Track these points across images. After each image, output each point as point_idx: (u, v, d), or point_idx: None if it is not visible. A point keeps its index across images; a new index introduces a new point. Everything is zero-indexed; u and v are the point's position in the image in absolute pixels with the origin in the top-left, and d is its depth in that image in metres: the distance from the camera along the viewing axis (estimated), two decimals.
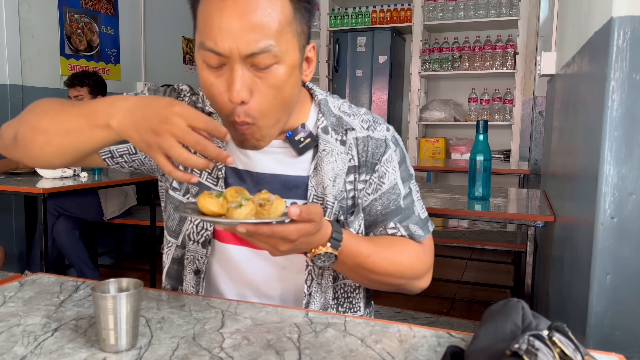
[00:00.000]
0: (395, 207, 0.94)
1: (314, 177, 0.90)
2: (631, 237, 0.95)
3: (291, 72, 0.79)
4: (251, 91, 0.77)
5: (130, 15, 4.09)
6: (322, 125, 0.92)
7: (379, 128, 0.94)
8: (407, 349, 0.69)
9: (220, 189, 0.92)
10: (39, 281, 0.96)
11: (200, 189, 0.93)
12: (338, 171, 0.91)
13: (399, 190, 0.94)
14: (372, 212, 0.94)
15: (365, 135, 0.93)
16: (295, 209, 0.68)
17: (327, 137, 0.91)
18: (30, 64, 3.29)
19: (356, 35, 4.56)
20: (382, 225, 0.94)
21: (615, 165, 0.95)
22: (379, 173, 0.93)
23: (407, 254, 0.92)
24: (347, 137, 0.92)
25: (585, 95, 1.25)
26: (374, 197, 0.93)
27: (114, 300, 0.67)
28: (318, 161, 0.90)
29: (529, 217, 1.79)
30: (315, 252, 0.79)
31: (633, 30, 0.92)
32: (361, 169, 0.93)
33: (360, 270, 0.87)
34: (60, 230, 2.95)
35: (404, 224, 0.94)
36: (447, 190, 2.34)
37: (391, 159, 0.94)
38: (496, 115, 4.44)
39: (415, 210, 0.96)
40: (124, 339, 0.68)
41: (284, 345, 0.70)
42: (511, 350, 0.53)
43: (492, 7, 4.31)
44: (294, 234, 0.71)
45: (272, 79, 0.77)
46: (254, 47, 0.74)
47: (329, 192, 0.89)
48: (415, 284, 0.95)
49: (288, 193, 0.91)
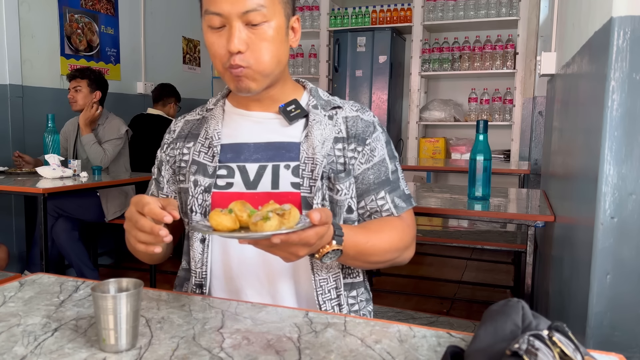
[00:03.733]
0: (385, 178, 1.06)
1: (305, 142, 1.02)
2: (631, 237, 0.95)
3: (278, 31, 0.96)
4: (247, 44, 0.93)
5: (130, 15, 4.09)
6: (313, 104, 1.07)
7: (366, 113, 1.09)
8: (407, 349, 0.69)
9: (215, 164, 1.02)
10: (39, 281, 0.96)
11: (198, 167, 1.03)
12: (326, 136, 1.02)
13: (387, 164, 1.07)
14: (365, 181, 1.05)
15: (355, 115, 1.07)
16: (316, 215, 0.75)
17: (316, 111, 1.05)
18: (30, 64, 3.29)
19: (356, 35, 4.56)
20: (374, 194, 1.05)
21: (615, 165, 0.95)
22: (370, 147, 1.05)
23: (396, 230, 1.03)
24: (335, 115, 1.06)
25: (585, 95, 1.25)
26: (366, 167, 1.05)
27: (114, 300, 0.67)
28: (309, 129, 1.03)
29: (529, 217, 1.79)
30: (323, 251, 0.85)
31: (633, 30, 0.92)
32: (350, 140, 1.04)
33: (362, 256, 0.96)
34: (60, 231, 2.95)
35: (391, 196, 1.06)
36: (447, 190, 2.34)
37: (379, 138, 1.07)
38: (496, 115, 4.44)
39: (401, 186, 1.09)
40: (124, 339, 0.68)
41: (284, 345, 0.70)
42: (511, 350, 0.53)
43: (492, 7, 4.31)
44: (314, 238, 0.77)
45: (263, 35, 0.94)
46: (248, 6, 0.92)
47: (318, 151, 1.00)
48: (405, 255, 1.06)
49: (281, 157, 1.02)
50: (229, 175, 1.02)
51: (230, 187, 1.01)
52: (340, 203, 1.01)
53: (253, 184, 1.01)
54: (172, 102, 3.81)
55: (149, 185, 1.16)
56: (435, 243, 3.71)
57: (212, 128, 1.06)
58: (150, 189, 1.15)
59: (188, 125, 1.11)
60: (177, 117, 1.15)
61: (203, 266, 1.02)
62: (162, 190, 1.11)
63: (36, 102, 3.30)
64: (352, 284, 1.06)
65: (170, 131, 1.14)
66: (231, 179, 1.02)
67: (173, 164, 1.09)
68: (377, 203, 1.05)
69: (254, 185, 1.01)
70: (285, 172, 1.00)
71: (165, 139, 1.14)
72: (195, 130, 1.09)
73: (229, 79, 0.98)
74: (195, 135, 1.08)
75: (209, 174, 1.02)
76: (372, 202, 1.05)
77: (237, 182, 1.01)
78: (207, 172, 1.02)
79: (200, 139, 1.06)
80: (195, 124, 1.11)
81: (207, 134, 1.06)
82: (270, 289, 1.01)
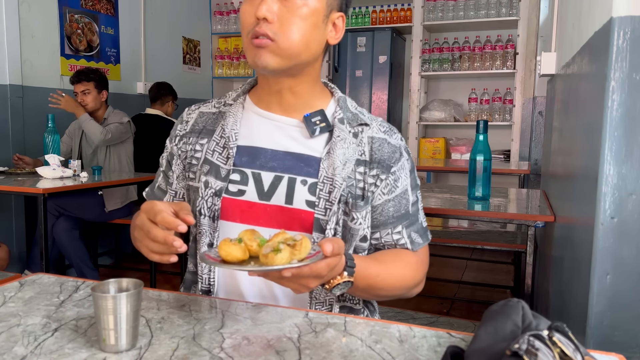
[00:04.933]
0: (405, 212, 1.00)
1: (326, 160, 0.95)
2: (631, 237, 0.95)
3: (313, 13, 0.90)
4: (276, 15, 0.87)
5: (130, 15, 4.09)
6: (339, 117, 0.99)
7: (394, 136, 1.01)
8: (407, 349, 0.69)
9: (229, 167, 0.97)
10: (39, 281, 0.96)
11: (210, 167, 0.98)
12: (349, 157, 0.95)
13: (408, 196, 1.00)
14: (384, 213, 0.98)
15: (382, 137, 0.99)
16: (328, 246, 0.71)
17: (342, 126, 0.97)
18: (30, 64, 3.29)
19: (356, 35, 4.56)
20: (390, 227, 0.99)
21: (615, 165, 0.95)
22: (395, 176, 0.98)
23: (409, 267, 0.98)
24: (361, 132, 0.98)
25: (585, 95, 1.25)
26: (387, 198, 0.98)
27: (114, 300, 0.67)
28: (332, 145, 0.95)
29: (529, 217, 1.79)
30: (334, 282, 0.81)
31: (633, 30, 0.92)
32: (372, 165, 0.97)
33: (371, 289, 0.92)
34: (60, 230, 2.95)
35: (408, 230, 1.00)
36: (447, 190, 2.34)
37: (404, 166, 1.00)
38: (496, 115, 4.44)
39: (419, 218, 1.03)
40: (124, 339, 0.68)
41: (284, 345, 0.70)
42: (511, 350, 0.53)
43: (492, 7, 4.31)
44: (325, 270, 0.74)
45: (296, 10, 0.88)
46: None
47: (338, 173, 0.94)
48: (413, 291, 1.01)
49: (299, 170, 0.96)
50: (242, 181, 0.96)
51: (242, 194, 0.96)
52: (354, 231, 0.95)
53: (267, 195, 0.95)
54: (170, 100, 3.81)
55: (156, 176, 1.10)
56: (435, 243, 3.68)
57: (229, 127, 0.99)
58: (158, 181, 1.09)
59: (203, 118, 1.04)
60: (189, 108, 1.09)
61: (211, 272, 0.98)
62: (171, 185, 1.05)
63: (36, 102, 3.30)
64: (351, 309, 1.00)
65: (183, 121, 1.06)
66: (244, 186, 0.96)
67: (184, 159, 1.03)
68: (393, 237, 0.99)
69: (267, 196, 0.95)
70: (301, 187, 0.94)
71: (177, 130, 1.06)
72: (211, 126, 1.02)
73: (249, 50, 0.90)
74: (210, 132, 1.01)
75: (222, 177, 0.96)
76: (388, 235, 0.99)
77: (250, 190, 0.96)
78: (219, 174, 0.97)
79: (215, 136, 1.00)
80: (210, 118, 1.03)
81: (223, 132, 0.99)
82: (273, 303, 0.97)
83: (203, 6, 5.07)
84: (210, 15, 5.18)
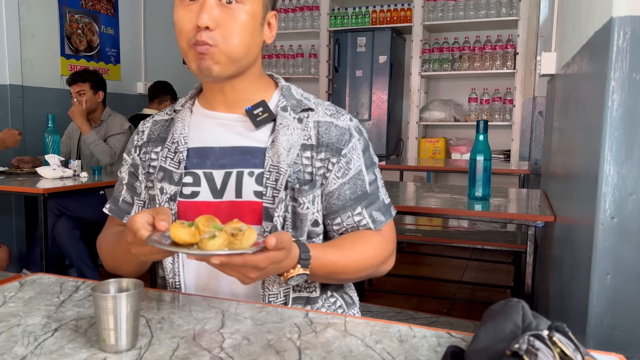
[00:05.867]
0: (362, 192, 1.00)
1: (271, 149, 0.96)
2: (631, 237, 0.95)
3: (253, 17, 0.92)
4: (217, 22, 0.88)
5: (130, 15, 4.09)
6: (282, 105, 1.00)
7: (342, 118, 1.01)
8: (407, 349, 0.69)
9: (182, 171, 0.98)
10: (39, 281, 0.96)
11: (164, 173, 0.99)
12: (293, 142, 0.96)
13: (364, 176, 1.01)
14: (341, 197, 0.99)
15: (328, 121, 1.00)
16: (272, 240, 0.73)
17: (285, 114, 0.99)
18: (30, 64, 3.29)
19: (356, 35, 4.56)
20: (350, 210, 0.99)
21: (616, 165, 0.95)
22: (347, 159, 0.99)
23: (372, 247, 0.98)
24: (306, 118, 0.99)
25: (586, 95, 1.25)
26: (342, 181, 0.99)
27: (114, 300, 0.67)
28: (275, 134, 0.97)
29: (529, 217, 1.79)
30: (288, 275, 0.83)
31: (633, 30, 0.92)
32: (319, 149, 0.98)
33: (333, 275, 0.93)
34: (61, 230, 2.95)
35: (369, 210, 1.00)
36: (447, 190, 2.34)
37: (355, 147, 1.00)
38: (496, 115, 4.44)
39: (380, 196, 1.03)
40: (124, 339, 0.68)
41: (284, 345, 0.70)
42: (511, 350, 0.53)
43: (492, 7, 4.31)
44: (264, 262, 0.75)
45: (235, 15, 0.89)
46: None
47: (282, 159, 0.95)
48: (381, 269, 1.01)
49: (246, 162, 0.97)
50: (195, 183, 0.98)
51: (197, 195, 0.97)
52: (303, 217, 0.96)
53: (220, 193, 0.96)
54: (168, 99, 3.78)
55: (117, 191, 1.08)
56: (435, 243, 3.71)
57: (178, 132, 1.00)
58: (122, 195, 1.07)
59: (157, 126, 1.06)
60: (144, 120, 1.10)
61: (175, 276, 0.99)
62: (139, 196, 1.05)
63: (36, 102, 3.30)
64: (308, 299, 1.00)
65: (139, 132, 1.07)
66: (197, 187, 0.97)
67: (144, 169, 1.04)
68: (354, 219, 0.99)
69: (220, 193, 0.96)
70: (248, 179, 0.95)
71: (135, 141, 1.07)
72: (163, 134, 1.04)
73: (191, 58, 0.91)
74: (162, 139, 1.03)
75: (175, 182, 0.97)
76: (349, 218, 0.99)
77: (203, 191, 0.97)
78: (172, 179, 0.98)
79: (167, 143, 1.01)
80: (163, 125, 1.05)
81: (173, 138, 1.00)
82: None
83: None
84: None
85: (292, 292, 0.97)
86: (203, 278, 0.99)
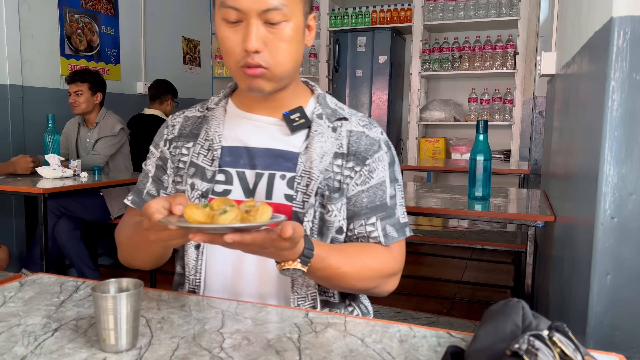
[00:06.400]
0: (380, 203, 1.00)
1: (304, 154, 0.97)
2: (631, 237, 0.95)
3: (297, 31, 0.92)
4: (264, 43, 0.89)
5: (130, 15, 4.09)
6: (318, 112, 1.01)
7: (374, 130, 1.03)
8: (407, 349, 0.69)
9: (214, 168, 0.99)
10: (39, 281, 0.96)
11: (196, 170, 1.00)
12: (326, 150, 0.98)
13: (385, 188, 1.00)
14: (357, 204, 0.99)
15: (361, 130, 1.01)
16: (289, 230, 0.72)
17: (320, 121, 1.00)
18: (30, 64, 3.29)
19: (356, 35, 4.56)
20: (364, 218, 0.99)
21: (616, 165, 0.95)
22: (370, 168, 0.99)
23: (377, 260, 0.97)
24: (340, 127, 1.01)
25: (586, 95, 1.25)
26: (361, 189, 0.99)
27: (114, 300, 0.67)
28: (310, 140, 0.98)
29: (529, 217, 1.79)
30: (284, 265, 0.82)
31: (633, 30, 0.92)
32: (349, 157, 0.99)
33: (329, 280, 0.92)
34: (62, 230, 2.95)
35: (383, 223, 0.99)
36: (447, 190, 2.34)
37: (382, 158, 1.01)
38: (496, 115, 4.44)
39: (397, 213, 1.02)
40: (124, 339, 0.68)
41: (284, 345, 0.70)
42: (511, 350, 0.53)
43: (492, 7, 4.31)
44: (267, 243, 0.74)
45: (282, 34, 0.90)
46: (269, 4, 0.87)
47: (315, 166, 0.96)
48: (383, 287, 0.99)
49: (279, 165, 0.98)
50: (227, 181, 0.98)
51: (228, 194, 0.98)
52: (330, 224, 0.96)
53: (251, 192, 0.97)
54: (169, 99, 3.77)
55: (141, 182, 1.07)
56: (435, 243, 3.71)
57: (213, 129, 1.01)
58: (146, 187, 1.06)
59: (188, 122, 1.06)
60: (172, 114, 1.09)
61: (197, 273, 0.99)
62: (165, 190, 1.04)
63: (36, 102, 3.30)
64: (327, 303, 1.01)
65: (168, 126, 1.07)
66: (229, 186, 0.98)
67: (173, 163, 1.04)
68: (366, 229, 0.98)
69: (252, 193, 0.97)
70: (280, 182, 0.96)
71: (164, 135, 1.06)
72: (195, 130, 1.04)
73: (242, 78, 0.93)
74: (195, 135, 1.03)
75: (207, 179, 0.98)
76: (362, 226, 0.98)
77: (235, 189, 0.98)
78: (205, 176, 0.99)
79: (200, 139, 1.02)
80: (195, 122, 1.05)
81: (207, 135, 1.01)
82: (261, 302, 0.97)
83: (203, 6, 5.07)
84: (210, 15, 5.18)
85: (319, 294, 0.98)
86: (227, 279, 0.99)
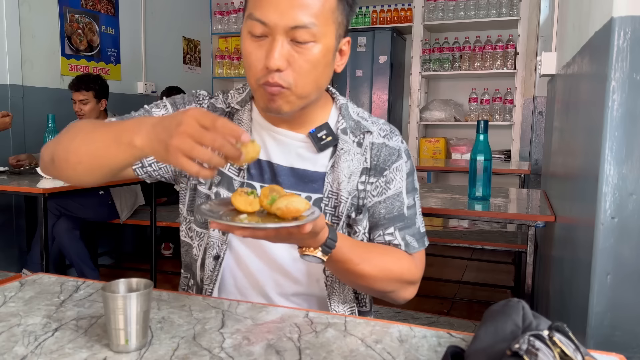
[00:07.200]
0: (398, 214, 0.97)
1: (330, 174, 0.95)
2: (631, 237, 0.95)
3: (325, 54, 0.86)
4: (288, 62, 0.83)
5: (131, 15, 4.09)
6: (342, 127, 0.97)
7: (394, 138, 1.00)
8: (408, 349, 0.69)
9: (241, 179, 0.96)
10: (39, 281, 0.96)
11: (222, 179, 0.96)
12: (353, 169, 0.95)
13: (403, 199, 0.98)
14: (375, 215, 0.97)
15: (381, 142, 0.98)
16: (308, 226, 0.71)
17: (345, 137, 0.96)
18: (30, 64, 3.29)
19: (356, 35, 4.56)
20: (382, 229, 0.97)
21: (616, 165, 0.95)
22: (387, 178, 0.97)
23: (399, 264, 0.95)
24: (364, 140, 0.97)
25: (586, 95, 1.25)
26: (378, 200, 0.97)
27: (124, 300, 0.66)
28: (336, 159, 0.95)
29: (529, 217, 1.79)
30: (305, 251, 0.81)
31: (633, 30, 0.92)
32: (371, 172, 0.97)
33: (348, 275, 0.90)
34: (61, 230, 2.95)
35: (402, 233, 0.97)
36: (448, 190, 2.34)
37: (400, 168, 0.98)
38: (496, 115, 4.44)
39: (417, 223, 1.00)
40: (134, 339, 0.68)
41: (284, 345, 0.70)
42: (512, 350, 0.53)
43: (492, 7, 4.31)
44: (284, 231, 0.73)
45: (308, 55, 0.84)
46: (298, 21, 0.81)
47: (343, 187, 0.94)
48: (400, 293, 0.97)
49: (304, 187, 0.95)
50: None
51: None
52: None
53: None
54: None
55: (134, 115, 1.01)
56: (435, 243, 3.70)
57: None
58: None
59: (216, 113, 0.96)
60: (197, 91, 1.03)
61: (211, 283, 0.98)
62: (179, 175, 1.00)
63: (36, 102, 3.30)
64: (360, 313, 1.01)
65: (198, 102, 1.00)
66: None
67: None
68: (385, 238, 0.96)
69: None
70: None
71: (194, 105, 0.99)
72: None
73: (260, 95, 0.87)
74: None
75: (234, 190, 0.94)
76: (380, 237, 0.97)
77: None
78: (232, 186, 0.95)
79: None
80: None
81: None
82: None
83: (203, 6, 5.07)
84: (210, 15, 5.18)
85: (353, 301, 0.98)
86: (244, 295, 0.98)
